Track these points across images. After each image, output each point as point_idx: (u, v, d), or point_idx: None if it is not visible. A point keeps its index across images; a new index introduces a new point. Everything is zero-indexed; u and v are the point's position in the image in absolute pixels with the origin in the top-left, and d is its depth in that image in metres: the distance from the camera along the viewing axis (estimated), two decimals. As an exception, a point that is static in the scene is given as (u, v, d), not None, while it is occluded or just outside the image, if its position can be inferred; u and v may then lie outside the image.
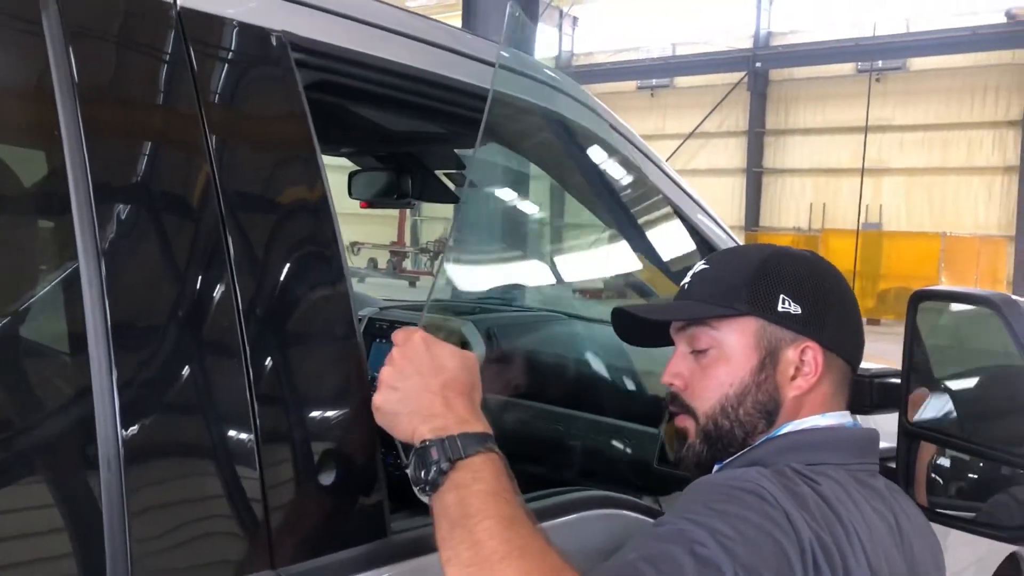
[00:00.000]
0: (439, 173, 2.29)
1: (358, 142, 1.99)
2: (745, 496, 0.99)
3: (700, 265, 1.26)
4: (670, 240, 1.74)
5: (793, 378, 1.16)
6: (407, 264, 20.46)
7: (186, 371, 0.89)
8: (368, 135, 1.90)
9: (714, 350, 1.18)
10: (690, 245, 1.72)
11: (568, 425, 1.97)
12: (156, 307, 0.88)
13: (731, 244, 1.78)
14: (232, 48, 1.03)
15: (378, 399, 1.03)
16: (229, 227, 0.94)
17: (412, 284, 17.87)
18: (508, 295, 2.72)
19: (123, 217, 0.88)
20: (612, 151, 1.67)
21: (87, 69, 0.87)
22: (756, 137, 22.52)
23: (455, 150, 2.12)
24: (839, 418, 1.18)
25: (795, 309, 1.15)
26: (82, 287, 0.82)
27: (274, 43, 1.05)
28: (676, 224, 1.68)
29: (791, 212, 22.29)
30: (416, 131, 1.89)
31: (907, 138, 20.60)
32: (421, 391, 1.02)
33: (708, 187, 21.43)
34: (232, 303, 0.92)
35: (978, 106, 19.88)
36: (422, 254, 20.26)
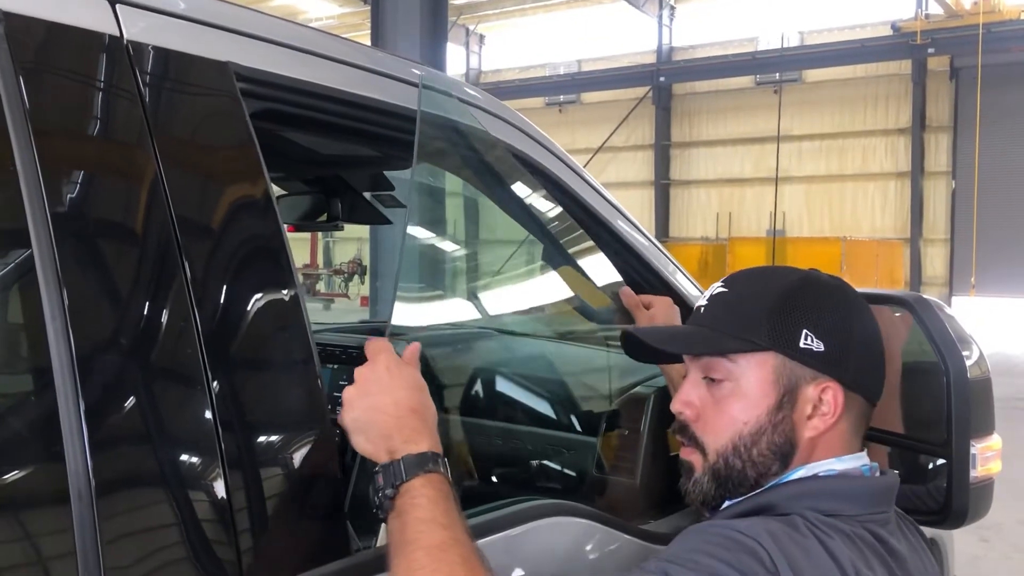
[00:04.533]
0: (366, 195, 2.30)
1: (290, 167, 2.00)
2: (742, 555, 0.95)
3: (718, 287, 1.19)
4: (596, 249, 1.79)
5: (810, 417, 1.10)
6: (320, 287, 20.19)
7: (151, 400, 0.89)
8: (300, 160, 1.91)
9: (730, 383, 1.12)
10: (615, 251, 1.77)
11: (504, 438, 2.01)
12: (119, 337, 0.88)
13: (653, 248, 1.83)
14: (179, 79, 1.04)
15: (341, 418, 1.07)
16: (186, 255, 0.95)
17: (326, 307, 17.65)
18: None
19: (83, 248, 0.88)
20: (536, 164, 1.71)
21: (40, 103, 0.88)
22: (662, 150, 23.06)
23: (384, 172, 2.14)
24: (855, 461, 1.12)
25: (817, 346, 1.09)
26: (44, 320, 0.82)
27: (220, 73, 1.07)
28: (603, 233, 1.73)
29: (699, 222, 22.88)
30: (346, 154, 1.91)
31: (805, 147, 21.40)
32: (377, 411, 1.06)
33: (618, 199, 21.73)
34: (192, 330, 0.93)
35: (870, 115, 20.83)
36: (335, 276, 20.02)
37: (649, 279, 1.81)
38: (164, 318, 0.92)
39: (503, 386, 2.16)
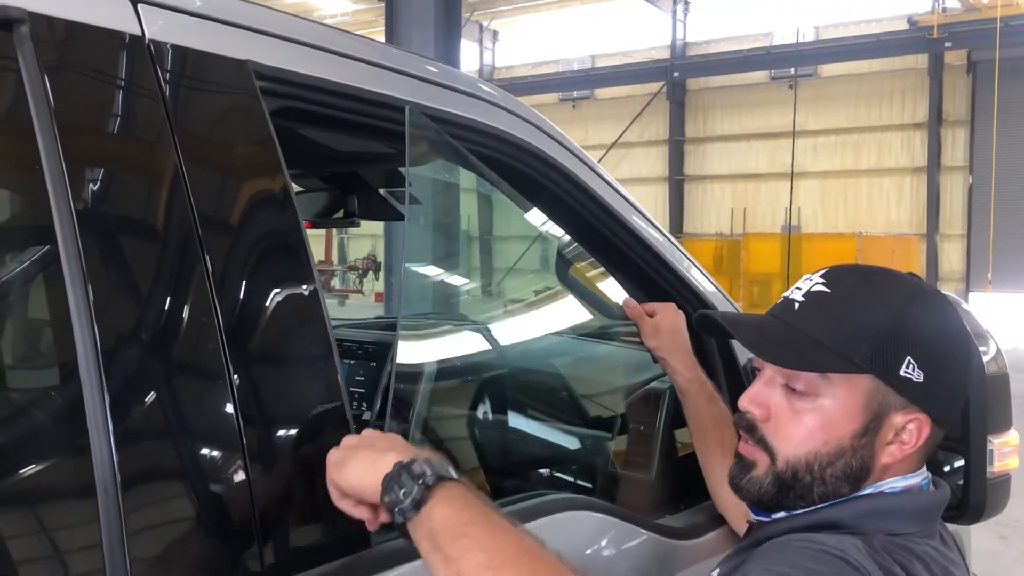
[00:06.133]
0: (382, 191, 2.31)
1: (307, 164, 2.01)
2: (846, 570, 0.91)
3: (817, 281, 1.09)
4: (611, 243, 1.78)
5: (890, 443, 1.05)
6: (335, 283, 20.26)
7: (174, 394, 0.91)
8: (317, 157, 1.92)
9: (814, 398, 1.05)
10: (630, 247, 1.75)
11: (516, 434, 2.02)
12: (143, 333, 0.90)
13: (667, 244, 1.80)
14: (199, 77, 1.05)
15: (332, 459, 0.99)
16: (207, 251, 0.96)
17: (341, 303, 17.71)
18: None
19: (107, 244, 0.90)
20: (550, 160, 1.70)
21: (64, 102, 0.89)
22: (676, 146, 22.97)
23: (399, 168, 2.15)
24: (917, 477, 1.08)
25: (917, 376, 1.02)
26: (71, 315, 0.84)
27: (239, 71, 1.08)
28: (618, 229, 1.72)
29: (712, 218, 22.79)
30: (363, 151, 1.92)
31: (820, 142, 21.28)
32: (374, 439, 1.01)
33: (632, 195, 21.67)
34: (214, 325, 0.95)
35: (886, 109, 20.69)
36: (350, 272, 20.08)
37: (664, 275, 1.80)
38: (186, 313, 0.93)
39: (513, 382, 2.16)
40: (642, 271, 1.78)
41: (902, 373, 1.02)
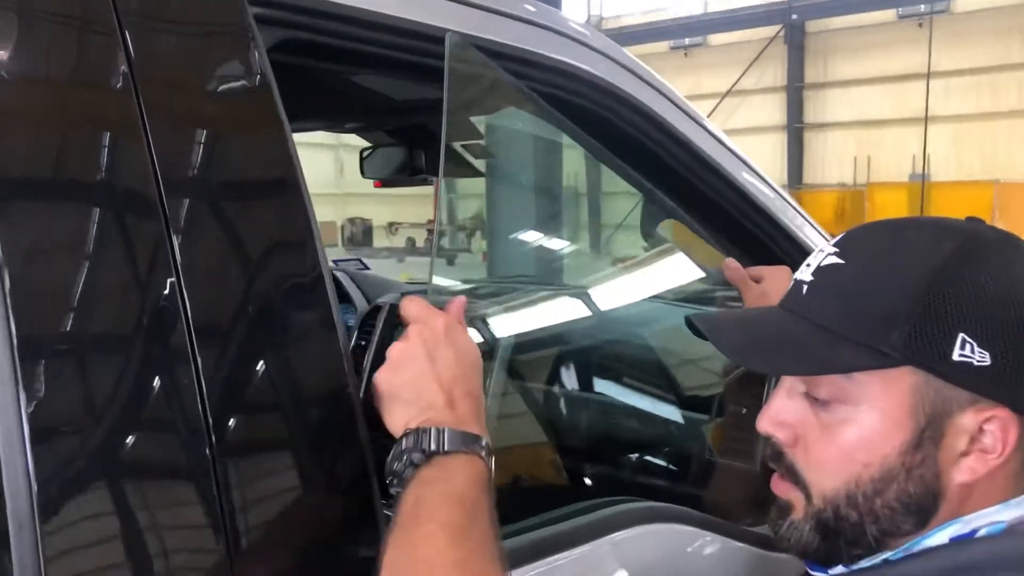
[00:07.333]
0: (456, 145, 2.11)
1: (359, 114, 1.82)
2: None
3: (829, 253, 0.82)
4: (711, 200, 1.56)
5: (964, 455, 0.76)
6: (444, 242, 20.35)
7: (114, 401, 0.72)
8: (369, 106, 1.73)
9: (843, 407, 0.78)
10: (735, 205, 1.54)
11: (594, 416, 1.80)
12: (73, 318, 0.71)
13: (779, 201, 1.57)
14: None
15: (380, 377, 0.87)
16: (172, 223, 0.76)
17: (450, 262, 17.76)
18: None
19: (36, 211, 0.71)
20: (649, 112, 1.48)
21: None
22: (795, 92, 22.01)
23: (471, 118, 1.94)
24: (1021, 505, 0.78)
25: (980, 357, 0.73)
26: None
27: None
28: (722, 186, 1.49)
29: (834, 167, 21.78)
30: (424, 99, 1.71)
31: (953, 84, 19.91)
32: (427, 380, 0.86)
33: (748, 146, 20.70)
34: (179, 313, 0.75)
35: (1029, 45, 19.16)
36: (459, 231, 20.12)
37: (773, 234, 1.57)
38: (141, 298, 0.74)
39: (599, 353, 1.94)
40: (748, 232, 1.55)
41: (956, 357, 0.73)
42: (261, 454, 0.80)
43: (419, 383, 0.86)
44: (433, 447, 0.81)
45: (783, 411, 0.82)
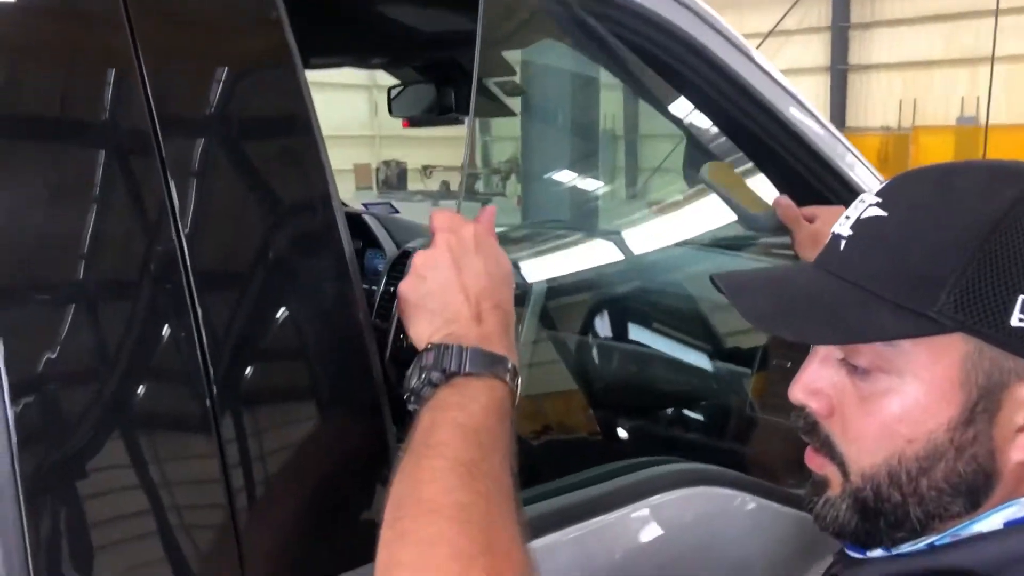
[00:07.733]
0: (488, 82, 2.01)
1: (384, 49, 1.73)
2: None
3: (871, 203, 0.73)
4: (758, 138, 1.47)
5: (1021, 430, 0.68)
6: (479, 186, 20.20)
7: (111, 365, 0.66)
8: (400, 41, 1.63)
9: (885, 376, 0.70)
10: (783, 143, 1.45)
11: (631, 366, 1.73)
12: (60, 284, 0.65)
13: (829, 138, 1.48)
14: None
15: (404, 286, 0.85)
16: (171, 173, 0.69)
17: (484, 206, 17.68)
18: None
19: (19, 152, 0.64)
20: (695, 44, 1.38)
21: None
22: (840, 32, 21.37)
23: (502, 52, 1.84)
24: None
25: None
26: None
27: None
28: (770, 123, 1.39)
29: (879, 110, 21.21)
30: (453, 30, 1.61)
31: (1007, 23, 19.16)
32: (453, 290, 0.82)
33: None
34: (177, 258, 0.69)
35: (1090, -20, 18.35)
36: (494, 175, 19.96)
37: (822, 174, 1.48)
38: (135, 263, 0.68)
39: (637, 301, 1.86)
40: (797, 172, 1.46)
41: (1016, 322, 0.64)
42: (265, 405, 0.74)
43: (445, 293, 0.82)
44: (454, 367, 0.77)
45: (818, 379, 0.74)
